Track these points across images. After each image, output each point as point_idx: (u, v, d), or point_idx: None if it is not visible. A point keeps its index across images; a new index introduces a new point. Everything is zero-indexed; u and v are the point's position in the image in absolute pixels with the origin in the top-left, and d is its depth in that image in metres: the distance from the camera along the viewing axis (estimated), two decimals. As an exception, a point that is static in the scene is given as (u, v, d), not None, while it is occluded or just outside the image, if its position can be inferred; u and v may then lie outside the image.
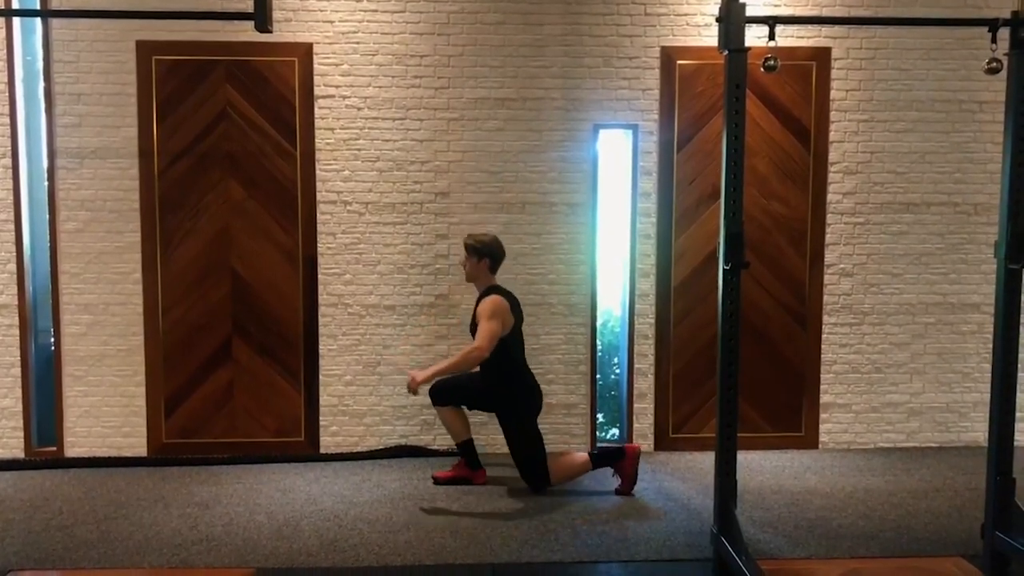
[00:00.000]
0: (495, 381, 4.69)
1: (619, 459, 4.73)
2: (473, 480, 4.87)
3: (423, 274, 5.41)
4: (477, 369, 4.67)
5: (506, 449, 5.41)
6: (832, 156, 5.51)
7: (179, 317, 5.35)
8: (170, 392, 5.37)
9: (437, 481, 4.87)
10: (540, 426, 5.40)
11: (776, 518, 4.32)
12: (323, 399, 5.43)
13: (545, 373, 5.47)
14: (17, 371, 5.33)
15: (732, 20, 3.39)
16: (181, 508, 4.47)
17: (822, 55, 5.45)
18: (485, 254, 4.72)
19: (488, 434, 5.45)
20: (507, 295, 4.72)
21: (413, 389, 4.52)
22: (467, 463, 4.88)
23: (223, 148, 5.28)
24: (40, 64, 5.24)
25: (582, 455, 4.81)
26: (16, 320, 5.30)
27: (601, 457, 4.77)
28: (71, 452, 5.36)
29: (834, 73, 5.47)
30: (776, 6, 5.37)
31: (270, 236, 5.33)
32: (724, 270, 3.48)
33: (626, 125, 5.45)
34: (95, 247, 5.30)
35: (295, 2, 5.25)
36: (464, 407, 4.85)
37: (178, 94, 5.25)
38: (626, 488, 4.71)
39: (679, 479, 4.99)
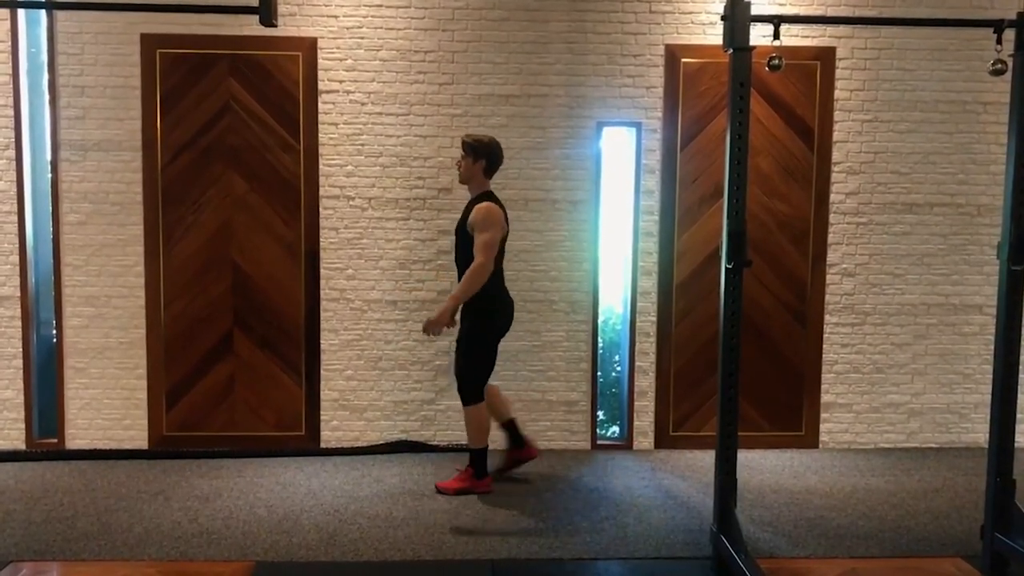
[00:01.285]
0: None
1: (519, 446, 4.75)
2: (478, 489, 4.67)
3: (425, 270, 5.41)
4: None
5: (504, 446, 5.42)
6: (835, 156, 5.51)
7: (181, 310, 5.35)
8: (171, 385, 5.38)
9: (441, 491, 4.68)
10: (539, 424, 5.42)
11: (776, 517, 4.33)
12: (324, 394, 5.44)
13: (546, 370, 5.47)
14: (19, 363, 5.33)
15: (737, 19, 3.39)
16: (181, 501, 4.47)
17: (826, 55, 5.44)
18: (483, 154, 4.56)
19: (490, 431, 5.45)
20: (499, 203, 4.59)
21: (436, 332, 4.46)
22: (477, 472, 4.67)
23: (226, 142, 5.28)
24: (44, 56, 5.24)
25: (508, 412, 4.80)
26: (18, 312, 5.30)
27: (479, 459, 4.63)
28: (72, 444, 5.37)
29: (838, 73, 5.46)
30: (781, 5, 5.37)
31: (272, 230, 5.34)
32: (726, 269, 3.48)
33: (629, 123, 5.44)
34: (97, 239, 5.30)
35: (300, -4, 5.26)
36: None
37: (182, 87, 5.25)
38: (450, 489, 4.60)
39: (679, 477, 5.00)
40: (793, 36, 5.31)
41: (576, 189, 5.42)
